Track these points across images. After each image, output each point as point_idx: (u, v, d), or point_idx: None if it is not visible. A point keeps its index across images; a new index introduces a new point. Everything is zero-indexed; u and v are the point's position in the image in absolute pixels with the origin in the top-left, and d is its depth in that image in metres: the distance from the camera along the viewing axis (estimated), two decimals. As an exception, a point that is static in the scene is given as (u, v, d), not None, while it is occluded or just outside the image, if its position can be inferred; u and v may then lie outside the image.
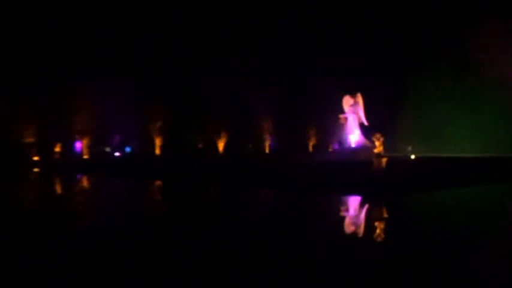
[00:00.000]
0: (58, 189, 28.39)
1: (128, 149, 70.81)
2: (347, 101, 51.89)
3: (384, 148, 28.46)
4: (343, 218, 15.07)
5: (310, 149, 69.52)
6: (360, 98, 50.95)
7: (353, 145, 50.77)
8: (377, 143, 27.73)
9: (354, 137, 51.01)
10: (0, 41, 62.54)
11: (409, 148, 59.79)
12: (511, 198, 21.13)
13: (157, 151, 68.22)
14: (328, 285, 7.56)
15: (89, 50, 66.55)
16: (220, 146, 69.58)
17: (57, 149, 62.26)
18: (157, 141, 68.53)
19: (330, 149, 54.84)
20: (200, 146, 71.05)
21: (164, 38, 73.15)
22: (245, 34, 73.15)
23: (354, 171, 27.10)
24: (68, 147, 64.04)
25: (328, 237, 11.57)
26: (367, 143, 46.95)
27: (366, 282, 7.68)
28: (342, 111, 52.36)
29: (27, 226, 13.51)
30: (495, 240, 11.26)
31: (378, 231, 12.36)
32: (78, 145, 65.02)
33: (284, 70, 69.74)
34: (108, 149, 69.28)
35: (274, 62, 69.94)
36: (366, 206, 18.14)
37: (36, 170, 47.28)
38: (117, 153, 65.79)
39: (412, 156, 43.42)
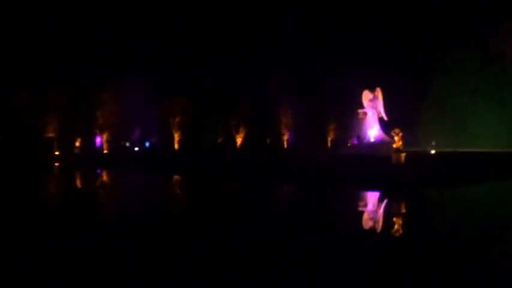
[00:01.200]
0: (76, 184, 28.89)
1: (147, 144, 71.58)
2: (366, 96, 51.52)
3: (404, 143, 28.08)
4: (360, 213, 14.99)
5: (329, 144, 69.20)
6: (379, 93, 50.52)
7: (372, 140, 50.43)
8: (396, 138, 27.40)
9: (373, 131, 50.66)
10: (24, 37, 63.80)
11: (433, 143, 59.03)
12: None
13: (176, 146, 68.75)
14: (346, 279, 7.57)
15: (110, 46, 67.57)
16: (239, 140, 69.75)
17: (78, 143, 63.24)
18: (176, 136, 69.04)
19: (349, 144, 54.55)
20: (219, 140, 71.36)
21: (184, 34, 73.74)
22: (266, 29, 73.27)
23: (373, 166, 26.94)
24: (89, 142, 64.99)
25: (344, 233, 11.56)
26: (386, 137, 46.51)
27: (383, 277, 7.67)
28: (362, 106, 52.02)
29: (39, 224, 13.81)
30: (503, 237, 11.12)
31: (393, 226, 12.28)
32: (98, 140, 65.95)
33: (303, 65, 69.52)
34: (128, 144, 70.11)
35: (293, 56, 69.76)
36: (383, 201, 18.00)
37: (56, 164, 48.09)
38: (136, 148, 66.54)
39: (432, 151, 42.85)
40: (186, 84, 68.05)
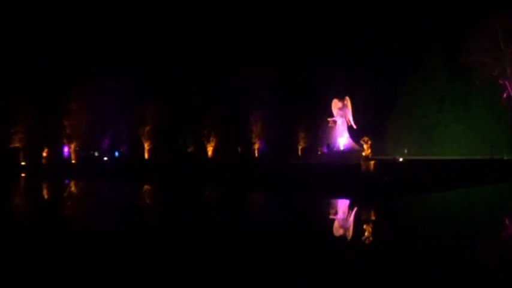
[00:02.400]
0: (42, 194, 28.18)
1: (116, 153, 70.48)
2: (336, 104, 52.43)
3: (373, 151, 28.56)
4: (330, 221, 15.18)
5: (300, 152, 69.67)
6: (348, 101, 51.52)
7: (341, 148, 51.23)
8: (365, 146, 27.84)
9: (342, 140, 51.52)
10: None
11: (406, 151, 60.32)
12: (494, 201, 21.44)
13: (147, 155, 67.91)
14: None
15: (78, 53, 66.30)
16: (210, 149, 69.45)
17: (45, 153, 61.70)
18: (147, 145, 68.21)
19: (319, 152, 55.20)
20: (190, 150, 70.85)
21: (154, 42, 73.16)
22: (237, 36, 73.37)
23: (342, 173, 27.33)
24: (56, 151, 63.55)
25: (315, 240, 11.66)
26: (356, 146, 47.30)
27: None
28: (331, 115, 52.83)
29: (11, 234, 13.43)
30: (472, 243, 11.45)
31: (363, 234, 12.48)
32: (66, 149, 64.57)
33: (274, 75, 69.94)
34: (96, 154, 68.90)
35: (264, 66, 70.07)
36: (353, 209, 18.27)
37: (23, 175, 46.83)
38: (105, 158, 65.41)
39: (401, 159, 43.75)
40: (157, 93, 67.37)
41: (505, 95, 55.86)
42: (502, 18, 51.11)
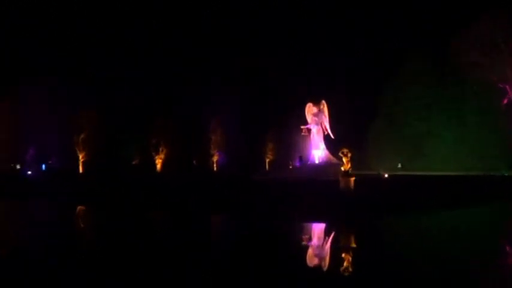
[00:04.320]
0: None
1: (43, 166, 68.41)
2: (310, 110, 52.19)
3: (353, 165, 28.50)
4: (302, 250, 14.75)
5: (267, 166, 69.52)
6: (324, 106, 51.36)
7: (317, 161, 51.16)
8: (344, 159, 27.71)
9: (318, 152, 51.41)
10: None
11: (399, 165, 61.10)
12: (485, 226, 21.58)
13: (81, 169, 66.20)
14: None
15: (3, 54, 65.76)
16: (159, 162, 68.37)
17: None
18: (81, 157, 66.51)
19: (290, 166, 55.02)
20: (135, 162, 69.60)
21: (92, 39, 72.81)
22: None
23: (317, 192, 27.09)
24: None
25: (283, 272, 11.22)
26: (333, 159, 47.31)
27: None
28: (305, 122, 52.63)
29: None
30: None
31: (342, 264, 12.13)
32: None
33: (238, 74, 70.01)
34: (18, 166, 66.76)
35: (226, 64, 70.12)
36: (329, 235, 17.99)
37: None
38: (29, 172, 63.26)
39: (386, 175, 44.04)
40: (95, 96, 66.16)
41: (505, 101, 56.39)
42: (502, 12, 51.53)
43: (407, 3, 70.61)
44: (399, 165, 60.32)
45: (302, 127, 52.36)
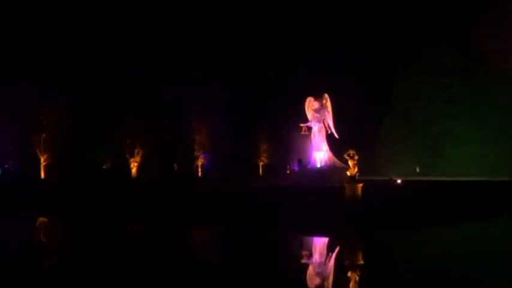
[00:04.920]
0: None
1: (-2, 171, 68.35)
2: (311, 105, 51.98)
3: (361, 169, 28.42)
4: (301, 268, 14.72)
5: (261, 170, 69.50)
6: (328, 101, 51.16)
7: (318, 165, 51.11)
8: (350, 163, 27.61)
9: (320, 154, 51.32)
10: None
11: (417, 169, 61.23)
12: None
13: (43, 174, 65.96)
14: None
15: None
16: (134, 166, 68.19)
17: None
18: (43, 160, 66.24)
19: (288, 171, 55.04)
20: (106, 167, 69.43)
21: (60, 26, 73.30)
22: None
23: (319, 201, 27.02)
24: None
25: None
26: (338, 162, 47.30)
27: None
28: (305, 119, 52.50)
29: None
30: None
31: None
32: None
33: (228, 65, 70.19)
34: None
35: (214, 54, 70.26)
36: (332, 251, 17.99)
37: None
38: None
39: (399, 181, 44.01)
40: (59, 90, 66.07)
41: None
42: None
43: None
44: (417, 169, 60.40)
45: (301, 125, 52.21)
